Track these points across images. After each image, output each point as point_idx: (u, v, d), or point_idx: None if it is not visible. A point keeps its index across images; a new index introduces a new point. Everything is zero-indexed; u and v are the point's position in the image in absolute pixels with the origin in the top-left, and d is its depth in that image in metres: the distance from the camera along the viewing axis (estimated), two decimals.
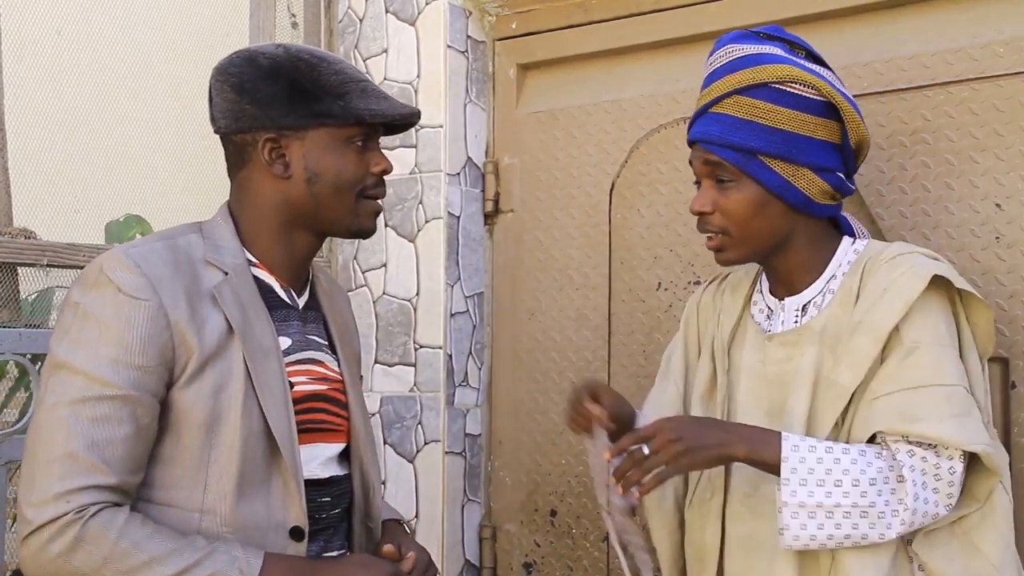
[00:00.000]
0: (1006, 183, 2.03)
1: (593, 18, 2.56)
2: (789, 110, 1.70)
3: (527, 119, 2.67)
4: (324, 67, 1.64)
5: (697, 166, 1.77)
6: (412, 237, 2.66)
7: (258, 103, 1.61)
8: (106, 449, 1.45)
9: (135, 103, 2.78)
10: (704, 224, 1.76)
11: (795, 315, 1.79)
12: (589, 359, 2.53)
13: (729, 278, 1.94)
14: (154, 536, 1.45)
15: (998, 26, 2.07)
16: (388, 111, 1.66)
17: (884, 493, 1.60)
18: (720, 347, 1.85)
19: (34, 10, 2.54)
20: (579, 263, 2.56)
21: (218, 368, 1.53)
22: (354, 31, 2.78)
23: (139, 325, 1.49)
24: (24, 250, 2.26)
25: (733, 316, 1.86)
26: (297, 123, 1.61)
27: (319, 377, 1.68)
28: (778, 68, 1.70)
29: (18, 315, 2.29)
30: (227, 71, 1.64)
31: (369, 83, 1.68)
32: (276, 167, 1.63)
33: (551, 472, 2.57)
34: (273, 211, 1.65)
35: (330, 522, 1.66)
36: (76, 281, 1.56)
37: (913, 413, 1.61)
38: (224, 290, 1.57)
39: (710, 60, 1.80)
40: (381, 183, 1.70)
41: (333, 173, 1.63)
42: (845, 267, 1.77)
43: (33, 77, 2.48)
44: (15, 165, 2.33)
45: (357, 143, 1.65)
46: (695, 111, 1.77)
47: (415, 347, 2.65)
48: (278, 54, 1.64)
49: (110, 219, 2.74)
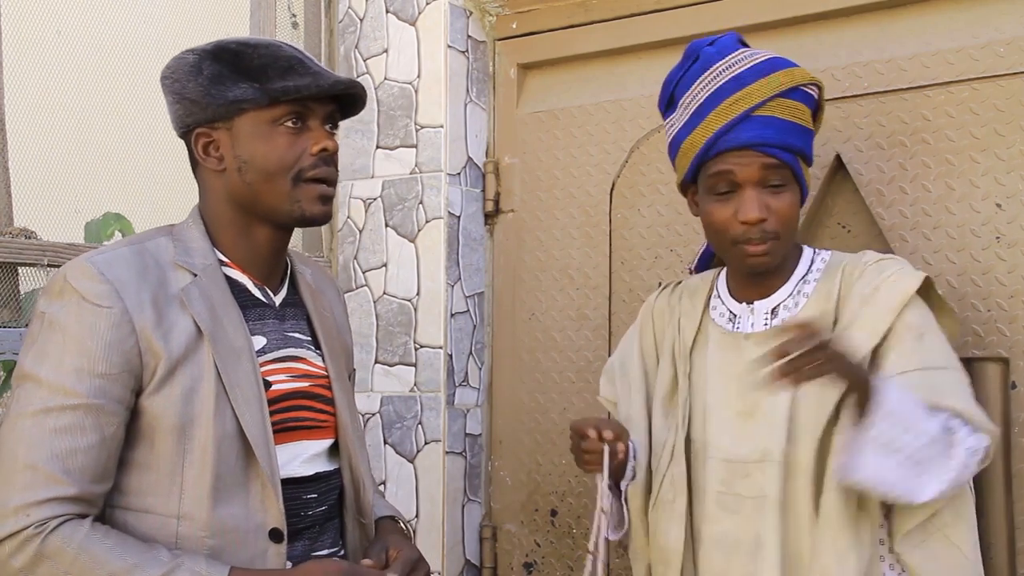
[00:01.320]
0: (1006, 183, 2.03)
1: (593, 18, 2.56)
2: (808, 110, 1.78)
3: (527, 119, 2.67)
4: (248, 52, 1.59)
5: (748, 171, 1.72)
6: (412, 237, 2.66)
7: (185, 100, 1.59)
8: (68, 460, 1.43)
9: (135, 103, 2.78)
10: (759, 231, 1.72)
11: (765, 317, 1.81)
12: (589, 359, 2.53)
13: (684, 284, 1.97)
14: (115, 549, 1.43)
15: (998, 26, 2.07)
16: (308, 86, 1.57)
17: (933, 455, 1.60)
18: (681, 351, 1.86)
19: (34, 10, 2.54)
20: (579, 263, 2.56)
21: (188, 372, 1.51)
22: (354, 31, 2.78)
23: (102, 333, 1.47)
24: (24, 250, 2.25)
25: (694, 320, 1.88)
26: (217, 114, 1.57)
27: (300, 375, 1.65)
28: (802, 71, 1.77)
29: (18, 315, 2.29)
30: (163, 75, 1.64)
31: (299, 60, 1.59)
32: (210, 161, 1.61)
33: (551, 472, 2.57)
34: (223, 206, 1.63)
35: (315, 520, 1.64)
36: (42, 290, 1.55)
37: (940, 390, 1.63)
38: (192, 292, 1.55)
39: (722, 66, 1.77)
40: (323, 163, 1.60)
41: (260, 158, 1.57)
42: (816, 274, 1.80)
43: (33, 77, 2.48)
44: (15, 165, 2.32)
45: (287, 124, 1.58)
46: (732, 117, 1.72)
47: (415, 347, 2.65)
48: (205, 48, 1.61)
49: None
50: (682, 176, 1.84)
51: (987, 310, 2.02)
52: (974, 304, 2.03)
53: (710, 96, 1.75)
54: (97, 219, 2.64)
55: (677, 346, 1.88)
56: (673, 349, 1.88)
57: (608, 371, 2.03)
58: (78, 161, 2.69)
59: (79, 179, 2.68)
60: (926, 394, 1.63)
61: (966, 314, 2.03)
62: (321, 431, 1.67)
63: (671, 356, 1.88)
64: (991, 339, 2.01)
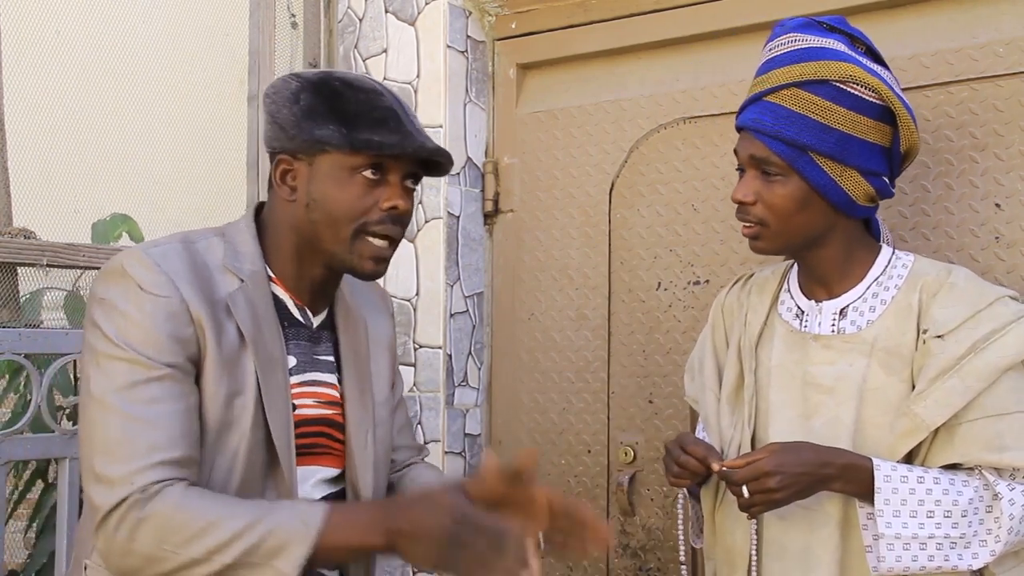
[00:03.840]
0: (1006, 183, 2.03)
1: (593, 18, 2.56)
2: (846, 110, 1.67)
3: (527, 119, 2.66)
4: (348, 93, 1.59)
5: (742, 153, 1.73)
6: (412, 237, 2.66)
7: (277, 125, 1.60)
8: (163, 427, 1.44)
9: (135, 103, 2.78)
10: (743, 213, 1.73)
11: (832, 318, 1.76)
12: (589, 359, 2.53)
13: (755, 277, 1.92)
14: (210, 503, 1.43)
15: (998, 26, 2.07)
16: (392, 145, 1.56)
17: (974, 524, 1.60)
18: (748, 346, 1.83)
19: (34, 10, 2.54)
20: (579, 263, 2.56)
21: (234, 376, 1.53)
22: (354, 31, 2.78)
23: (161, 322, 1.48)
24: (24, 250, 2.26)
25: (761, 315, 1.84)
26: (302, 147, 1.58)
27: (325, 400, 1.66)
28: (842, 66, 1.67)
29: (18, 315, 2.30)
30: (267, 92, 1.64)
31: (393, 114, 1.59)
32: (283, 189, 1.61)
33: (551, 472, 2.57)
34: (284, 233, 1.63)
35: None
36: (98, 278, 1.56)
37: (1001, 442, 1.60)
38: (238, 299, 1.56)
39: (769, 47, 1.76)
40: (390, 221, 1.60)
41: (331, 201, 1.57)
42: (896, 280, 1.74)
43: (33, 77, 2.48)
44: (15, 165, 2.33)
45: (366, 175, 1.57)
46: (748, 96, 1.73)
47: (415, 347, 2.65)
48: (310, 77, 1.61)
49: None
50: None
51: None
52: None
53: (755, 72, 1.76)
54: (104, 220, 2.65)
55: (743, 341, 1.84)
56: (740, 344, 1.85)
57: (689, 368, 1.99)
58: (77, 161, 2.69)
59: (78, 179, 2.68)
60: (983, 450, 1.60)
61: None
62: (331, 458, 1.67)
63: (737, 352, 1.85)
64: None
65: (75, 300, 2.46)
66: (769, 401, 1.77)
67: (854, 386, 1.69)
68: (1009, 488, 1.60)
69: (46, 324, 2.42)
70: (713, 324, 1.95)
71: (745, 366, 1.82)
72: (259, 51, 2.72)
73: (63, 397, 2.43)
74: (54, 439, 2.26)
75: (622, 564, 2.43)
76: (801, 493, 1.63)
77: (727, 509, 1.79)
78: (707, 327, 1.97)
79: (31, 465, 2.62)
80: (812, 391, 1.73)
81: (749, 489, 1.62)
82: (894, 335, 1.69)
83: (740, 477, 1.62)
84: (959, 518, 1.59)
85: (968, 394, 1.61)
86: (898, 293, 1.72)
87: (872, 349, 1.70)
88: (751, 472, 1.62)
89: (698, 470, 1.69)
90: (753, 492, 1.62)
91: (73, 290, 2.47)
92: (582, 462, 2.52)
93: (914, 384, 1.66)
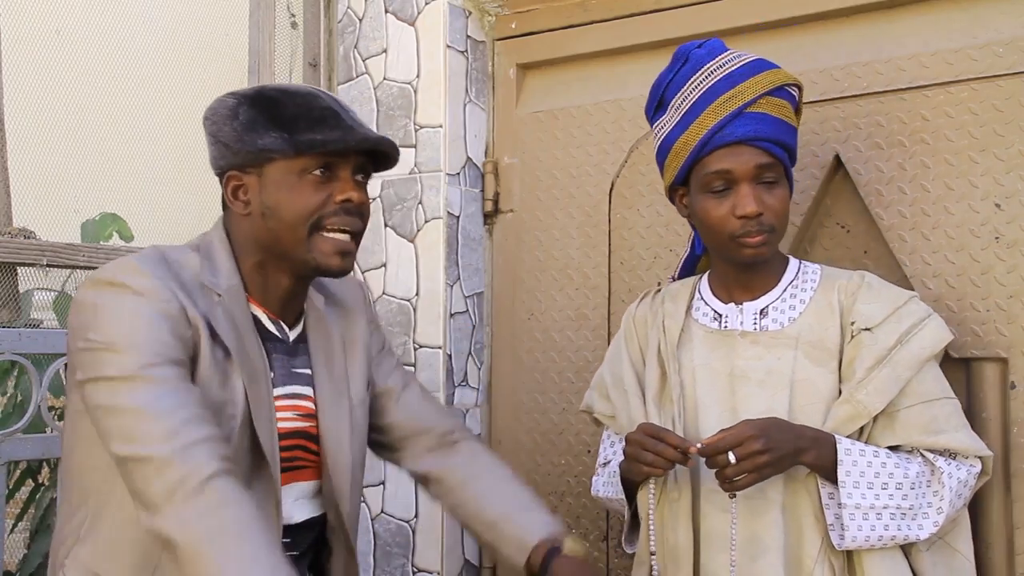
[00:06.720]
0: (1005, 183, 2.03)
1: (593, 18, 2.56)
2: (792, 110, 1.83)
3: (527, 119, 2.67)
4: (285, 99, 1.60)
5: (743, 167, 1.75)
6: (412, 237, 2.66)
7: (220, 143, 1.61)
8: (190, 404, 1.44)
9: (135, 103, 2.78)
10: (753, 226, 1.76)
11: (754, 317, 1.85)
12: (589, 359, 2.53)
13: (664, 290, 2.01)
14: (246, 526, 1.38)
15: (997, 26, 2.07)
16: (335, 140, 1.57)
17: (920, 496, 1.71)
18: (669, 350, 1.89)
19: (34, 10, 2.54)
20: (579, 263, 2.56)
21: (224, 386, 1.53)
22: (353, 31, 2.78)
23: (159, 323, 1.48)
24: (24, 250, 2.26)
25: (678, 320, 1.91)
26: (248, 160, 1.59)
27: (304, 413, 1.67)
28: (785, 72, 1.82)
29: (18, 315, 2.30)
30: (204, 115, 1.65)
31: (332, 113, 1.60)
32: (237, 205, 1.62)
33: (550, 472, 2.57)
34: (246, 248, 1.64)
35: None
36: (85, 284, 1.55)
37: (936, 426, 1.73)
38: (217, 313, 1.56)
39: (713, 64, 1.80)
40: (345, 213, 1.61)
41: (283, 206, 1.58)
42: (811, 283, 1.85)
43: (33, 77, 2.48)
44: (15, 165, 2.33)
45: (315, 175, 1.59)
46: (727, 112, 1.75)
47: (415, 347, 2.65)
48: (246, 92, 1.63)
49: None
50: (672, 178, 1.86)
51: (986, 310, 2.02)
52: (973, 304, 2.03)
53: (703, 95, 1.78)
54: (94, 219, 2.65)
55: (663, 346, 1.90)
56: (659, 349, 1.91)
57: (598, 386, 2.05)
58: (77, 161, 2.69)
59: (78, 179, 2.69)
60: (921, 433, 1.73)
61: (965, 314, 2.03)
62: (308, 471, 1.68)
63: (656, 356, 1.91)
64: (990, 339, 2.01)
65: (65, 300, 2.46)
66: (696, 399, 1.84)
67: (784, 378, 1.77)
68: (947, 463, 1.73)
69: (43, 324, 2.42)
70: (626, 336, 2.01)
71: (669, 368, 1.88)
72: (259, 51, 2.72)
73: (54, 397, 2.42)
74: (53, 439, 2.26)
75: (622, 564, 2.43)
76: (783, 460, 1.67)
77: (669, 507, 1.83)
78: (618, 341, 2.04)
79: (21, 465, 2.61)
80: (741, 384, 1.80)
81: (736, 455, 1.64)
82: (816, 331, 1.79)
83: (727, 443, 1.64)
84: (908, 490, 1.69)
85: (899, 382, 1.73)
86: (815, 294, 1.84)
87: (797, 343, 1.79)
88: (736, 437, 1.64)
89: (675, 457, 1.70)
90: (741, 458, 1.63)
91: (63, 291, 2.47)
92: (582, 462, 2.52)
93: (840, 374, 1.77)
